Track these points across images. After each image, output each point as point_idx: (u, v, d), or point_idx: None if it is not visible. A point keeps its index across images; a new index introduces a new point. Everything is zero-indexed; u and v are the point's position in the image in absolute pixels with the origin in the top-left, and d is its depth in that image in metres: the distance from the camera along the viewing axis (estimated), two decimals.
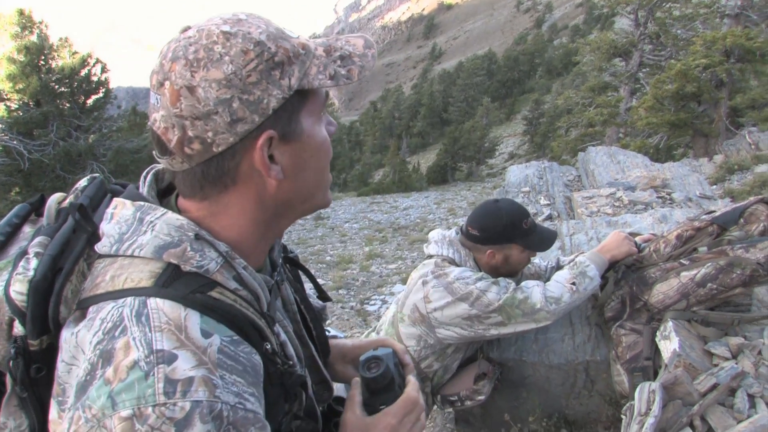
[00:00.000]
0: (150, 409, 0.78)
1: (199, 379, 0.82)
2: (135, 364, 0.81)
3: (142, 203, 0.99)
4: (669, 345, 2.48)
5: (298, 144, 1.00)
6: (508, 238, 2.78)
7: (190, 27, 0.97)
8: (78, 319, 0.93)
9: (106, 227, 0.98)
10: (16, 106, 21.95)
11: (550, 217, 6.69)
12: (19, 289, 0.94)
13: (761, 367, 2.29)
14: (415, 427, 1.17)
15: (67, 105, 22.85)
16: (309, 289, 1.41)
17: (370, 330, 3.27)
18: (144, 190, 1.05)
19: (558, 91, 55.48)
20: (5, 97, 21.62)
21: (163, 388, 0.80)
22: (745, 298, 2.70)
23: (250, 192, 1.00)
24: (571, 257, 3.12)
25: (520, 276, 3.03)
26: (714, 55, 19.20)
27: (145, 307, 0.88)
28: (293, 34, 1.01)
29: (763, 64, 19.98)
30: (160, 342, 0.84)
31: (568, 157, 26.59)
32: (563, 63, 77.89)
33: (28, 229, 1.09)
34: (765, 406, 2.10)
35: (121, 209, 0.99)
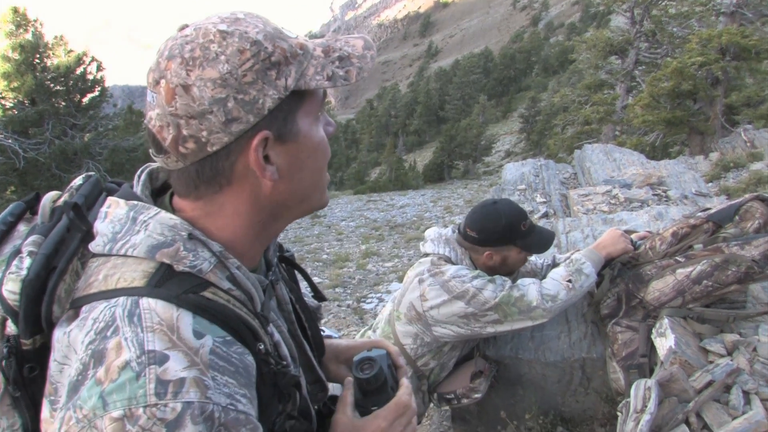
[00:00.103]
0: (141, 410, 0.78)
1: (190, 380, 0.82)
2: (126, 365, 0.81)
3: (135, 203, 0.98)
4: (665, 342, 2.48)
5: (295, 144, 1.00)
6: (506, 240, 2.77)
7: (188, 25, 0.96)
8: (71, 319, 0.92)
9: (100, 226, 0.98)
10: (11, 105, 21.91)
11: (546, 215, 6.69)
12: (12, 288, 0.93)
13: (756, 363, 2.30)
14: (406, 430, 1.16)
15: (63, 103, 22.79)
16: (305, 288, 1.40)
17: (366, 328, 3.27)
18: (138, 189, 1.04)
19: (554, 89, 55.56)
20: (0, 95, 21.56)
21: (154, 389, 0.79)
22: (741, 295, 2.70)
23: (245, 192, 0.99)
24: (567, 254, 3.12)
25: (516, 274, 3.03)
26: (710, 53, 19.25)
27: (138, 307, 0.87)
28: (292, 34, 1.00)
29: (758, 62, 20.05)
30: (151, 342, 0.83)
31: (565, 155, 26.60)
32: (559, 61, 78.05)
33: (22, 227, 1.08)
34: (760, 403, 2.11)
35: (114, 208, 0.98)
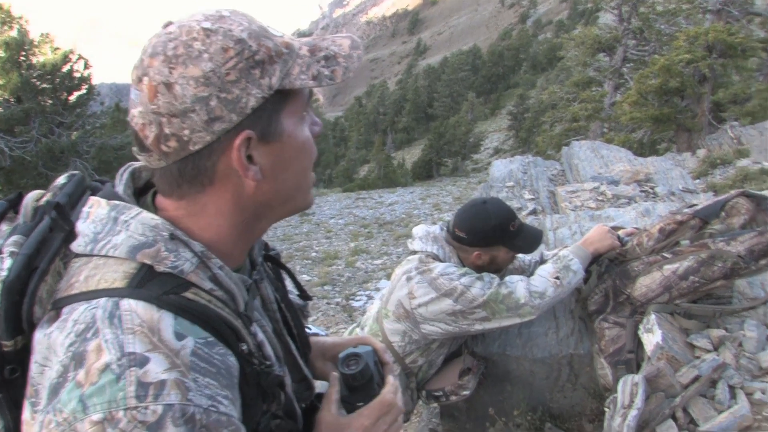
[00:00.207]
0: (121, 413, 0.78)
1: (171, 382, 0.81)
2: (106, 367, 0.80)
3: (117, 202, 0.97)
4: (652, 338, 2.49)
5: (278, 144, 0.99)
6: (495, 241, 2.77)
7: (172, 23, 0.95)
8: (52, 320, 0.91)
9: (82, 226, 0.97)
10: None
11: (534, 212, 6.70)
12: None
13: (742, 358, 2.32)
14: (391, 429, 1.16)
15: (49, 101, 22.59)
16: (292, 286, 1.40)
17: (354, 325, 3.27)
18: (120, 189, 1.03)
19: (542, 87, 55.62)
20: None
21: (134, 392, 0.79)
22: (727, 290, 2.72)
23: (227, 192, 0.98)
24: (555, 251, 3.13)
25: (504, 271, 3.03)
26: (697, 50, 19.38)
27: (118, 309, 0.86)
28: (277, 32, 1.00)
29: (744, 60, 20.20)
30: (132, 344, 0.82)
31: (553, 152, 26.66)
32: (548, 58, 78.16)
33: (4, 227, 1.06)
34: (745, 397, 2.12)
35: (96, 208, 0.97)
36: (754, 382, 2.21)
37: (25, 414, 0.88)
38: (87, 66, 23.75)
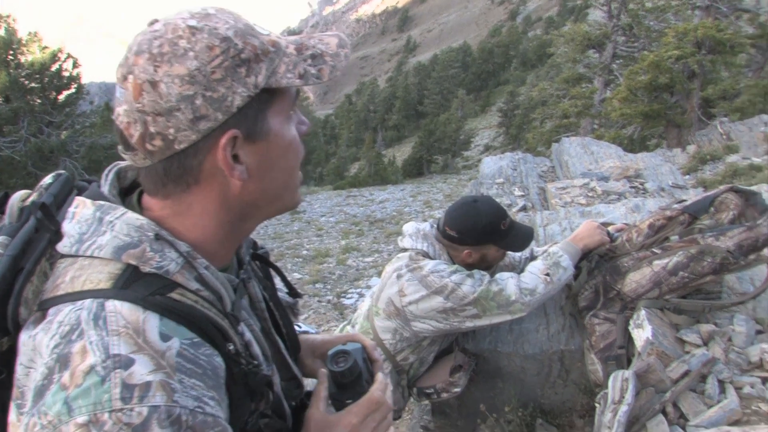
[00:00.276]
0: (106, 415, 0.77)
1: (156, 383, 0.81)
2: (91, 369, 0.80)
3: (102, 203, 0.97)
4: (642, 333, 2.50)
5: (265, 144, 0.98)
6: (486, 240, 2.77)
7: (157, 20, 0.95)
8: (38, 321, 0.91)
9: (67, 227, 0.96)
10: None
11: (524, 208, 6.72)
12: None
13: (731, 353, 2.33)
14: (380, 426, 1.15)
15: (38, 101, 22.45)
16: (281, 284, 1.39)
17: (345, 323, 3.27)
18: (105, 189, 1.03)
19: (533, 83, 55.75)
20: None
21: (119, 394, 0.78)
22: (716, 285, 2.73)
23: (213, 192, 0.97)
24: (545, 247, 3.13)
25: (494, 267, 3.03)
26: (686, 46, 19.43)
27: (103, 310, 0.86)
28: (264, 30, 0.99)
29: (733, 56, 20.28)
30: (117, 346, 0.82)
31: (544, 149, 26.72)
32: (537, 55, 78.25)
33: None
34: (734, 392, 2.13)
35: (81, 209, 0.97)
36: (743, 376, 2.22)
37: (11, 416, 0.87)
38: (76, 65, 23.61)
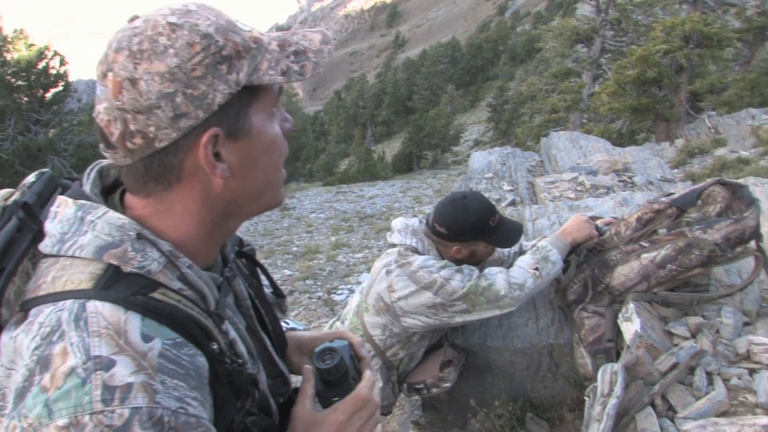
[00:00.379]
0: (87, 418, 0.76)
1: (138, 385, 0.80)
2: (72, 371, 0.79)
3: (83, 202, 0.96)
4: (631, 326, 2.51)
5: (247, 141, 0.97)
6: (475, 236, 2.77)
7: (138, 17, 0.94)
8: (19, 322, 0.90)
9: (49, 226, 0.95)
10: None
11: (513, 203, 6.74)
12: None
13: (719, 345, 2.33)
14: (367, 424, 1.15)
15: (25, 99, 22.36)
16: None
17: (335, 319, 3.26)
18: (87, 188, 1.01)
19: (521, 78, 55.63)
20: None
21: (100, 396, 0.78)
22: (704, 278, 2.74)
23: (195, 190, 0.96)
24: (534, 242, 3.13)
25: (483, 262, 3.04)
26: (674, 40, 19.54)
27: (84, 311, 0.85)
28: (246, 27, 0.98)
29: (720, 50, 20.40)
30: (98, 347, 0.81)
31: (533, 143, 26.78)
32: (526, 50, 78.21)
33: None
34: (722, 383, 2.14)
35: (63, 208, 0.96)
36: (731, 368, 2.22)
37: None
38: (63, 62, 23.51)
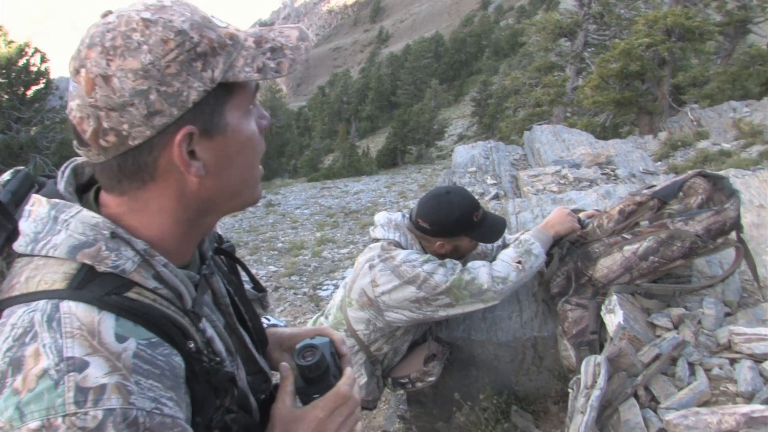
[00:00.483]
0: (60, 420, 0.76)
1: (112, 386, 0.79)
2: (44, 373, 0.78)
3: (57, 201, 0.94)
4: (614, 318, 2.52)
5: (222, 139, 0.96)
6: (458, 232, 2.77)
7: (111, 12, 0.92)
8: None
9: (23, 225, 0.94)
10: None
11: (496, 197, 6.74)
12: None
13: (701, 335, 2.35)
14: (348, 421, 1.14)
15: (6, 96, 22.13)
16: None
17: (319, 314, 3.25)
18: (61, 186, 1.00)
19: (505, 72, 55.78)
20: None
21: (73, 398, 0.77)
22: (686, 269, 2.76)
23: (169, 188, 0.95)
24: (516, 235, 3.14)
25: (467, 256, 3.04)
26: (656, 34, 19.63)
27: (57, 312, 0.84)
28: (222, 23, 0.97)
29: (702, 43, 20.52)
30: (71, 349, 0.80)
31: (517, 137, 26.85)
32: (510, 44, 78.37)
33: None
34: (704, 373, 2.15)
35: (37, 207, 0.94)
36: (713, 358, 2.24)
37: None
38: (44, 60, 23.29)
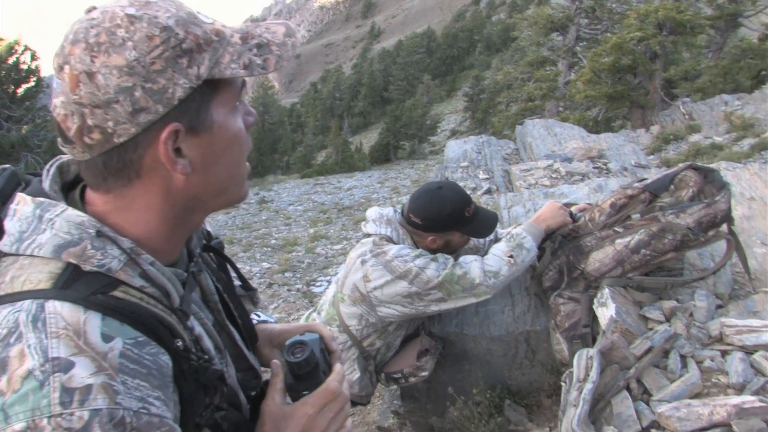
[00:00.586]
0: (45, 421, 0.75)
1: (98, 386, 0.78)
2: (29, 374, 0.77)
3: (42, 199, 0.93)
4: (606, 312, 2.52)
5: (208, 136, 0.95)
6: (450, 227, 2.77)
7: (95, 8, 0.91)
8: None
9: (8, 224, 0.93)
10: None
11: (488, 191, 6.75)
12: None
13: (692, 328, 2.36)
14: (337, 417, 1.14)
15: None
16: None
17: (311, 310, 3.25)
18: (46, 185, 0.99)
19: (497, 67, 55.78)
20: None
21: (59, 398, 0.76)
22: (678, 262, 2.77)
23: (155, 186, 0.94)
24: (508, 229, 3.14)
25: (459, 251, 3.04)
26: (647, 28, 19.69)
27: (43, 311, 0.83)
28: (208, 19, 0.96)
29: (693, 37, 20.59)
30: (56, 349, 0.79)
31: (510, 132, 26.86)
32: (502, 39, 78.29)
33: None
34: (695, 365, 2.16)
35: (22, 205, 0.93)
36: (704, 350, 2.25)
37: None
38: (34, 57, 23.19)
